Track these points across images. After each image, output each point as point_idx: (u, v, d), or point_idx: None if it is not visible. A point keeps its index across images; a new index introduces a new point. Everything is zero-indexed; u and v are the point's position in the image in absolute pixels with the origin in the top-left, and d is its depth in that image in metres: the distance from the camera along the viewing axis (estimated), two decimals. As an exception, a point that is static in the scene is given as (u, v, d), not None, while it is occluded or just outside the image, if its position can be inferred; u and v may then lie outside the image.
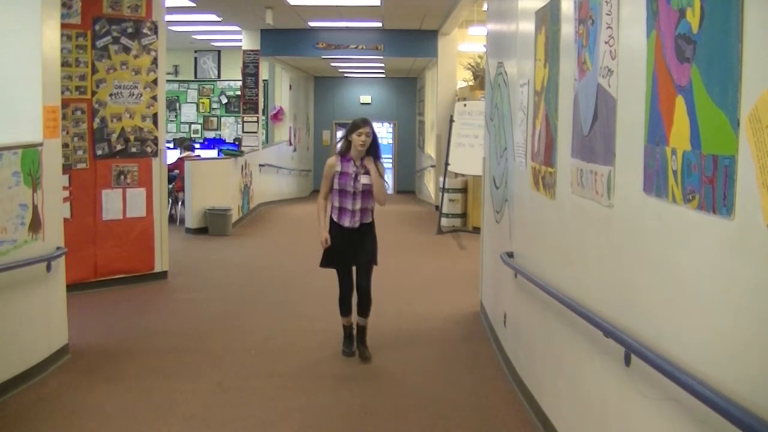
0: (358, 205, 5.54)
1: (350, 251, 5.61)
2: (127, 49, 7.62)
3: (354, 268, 5.69)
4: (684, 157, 2.36)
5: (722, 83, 2.12)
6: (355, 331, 5.78)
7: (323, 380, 5.16)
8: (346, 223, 5.55)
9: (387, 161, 22.09)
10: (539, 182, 4.44)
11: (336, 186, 5.56)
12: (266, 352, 5.81)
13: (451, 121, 12.37)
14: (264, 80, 16.33)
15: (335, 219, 5.59)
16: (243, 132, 15.20)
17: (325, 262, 5.69)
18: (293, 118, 19.60)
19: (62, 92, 6.11)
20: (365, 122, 5.55)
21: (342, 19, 13.42)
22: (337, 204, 5.58)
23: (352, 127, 5.55)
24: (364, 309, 5.71)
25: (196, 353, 5.73)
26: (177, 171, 12.50)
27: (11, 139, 5.05)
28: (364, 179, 5.52)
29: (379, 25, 14.02)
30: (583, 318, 3.35)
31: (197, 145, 15.05)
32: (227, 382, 5.06)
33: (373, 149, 5.58)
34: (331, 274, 5.71)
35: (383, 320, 6.51)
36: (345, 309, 5.75)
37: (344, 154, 5.58)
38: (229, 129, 19.08)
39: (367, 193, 5.56)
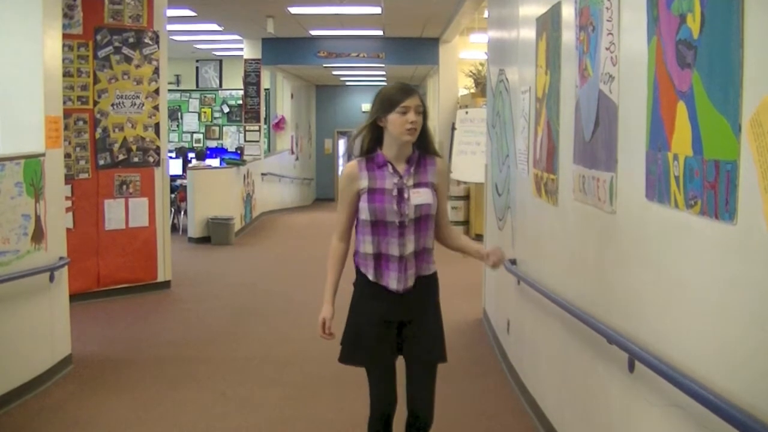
0: (410, 247, 3.13)
1: (397, 333, 3.22)
2: (128, 59, 7.63)
3: (405, 366, 3.29)
4: (686, 163, 2.35)
5: (723, 88, 2.12)
6: None
7: (326, 389, 5.15)
8: (392, 283, 3.14)
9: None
10: (541, 189, 4.44)
11: (366, 215, 3.12)
12: (269, 361, 5.81)
13: (453, 128, 12.37)
14: (265, 89, 16.34)
15: (371, 277, 3.17)
16: (245, 141, 15.23)
17: (349, 354, 3.29)
18: (295, 126, 19.62)
19: (64, 102, 6.11)
20: (411, 90, 3.13)
21: (343, 28, 13.44)
22: (370, 248, 3.15)
23: (388, 101, 3.09)
24: None
25: (199, 362, 5.73)
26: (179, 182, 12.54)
27: (13, 149, 5.07)
28: (416, 196, 3.12)
29: (380, 33, 14.04)
30: (587, 324, 3.34)
31: (192, 155, 15.15)
32: (230, 392, 5.05)
33: (424, 140, 3.20)
34: (342, 278, 3.29)
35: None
36: None
37: (371, 155, 3.17)
38: (231, 138, 19.10)
39: (425, 220, 3.15)
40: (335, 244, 3.28)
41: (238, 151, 15.47)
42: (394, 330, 3.22)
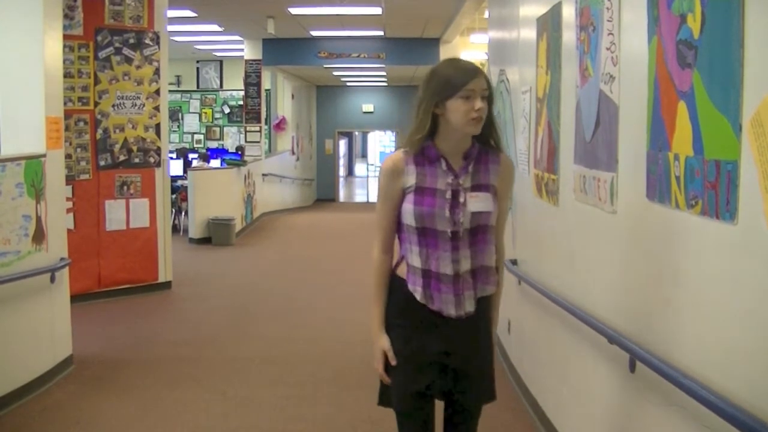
0: (466, 264, 2.57)
1: (443, 367, 2.62)
2: (129, 60, 7.64)
3: (444, 407, 2.77)
4: (687, 163, 2.35)
5: (724, 88, 2.12)
6: None
7: (328, 389, 5.15)
8: (448, 308, 2.56)
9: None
10: (542, 189, 4.44)
11: (411, 220, 2.57)
12: (270, 361, 5.81)
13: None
14: (266, 90, 16.35)
15: (419, 297, 2.58)
16: (246, 141, 15.24)
17: (391, 395, 2.71)
18: (296, 127, 19.62)
19: (65, 103, 6.12)
20: (475, 70, 2.54)
21: (343, 28, 13.44)
22: (418, 261, 2.58)
23: (447, 84, 2.50)
24: None
25: (200, 362, 5.73)
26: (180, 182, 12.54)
27: (14, 150, 5.07)
28: (474, 201, 2.56)
29: (381, 33, 14.04)
30: (588, 324, 3.34)
31: (195, 155, 15.19)
32: (231, 392, 5.05)
33: (487, 131, 2.61)
34: (340, 273, 2.83)
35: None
36: None
37: (423, 147, 2.58)
38: (231, 139, 19.09)
39: (483, 231, 2.58)
40: (379, 257, 2.68)
41: (239, 151, 15.51)
42: (437, 365, 2.62)
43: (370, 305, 2.71)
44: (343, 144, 28.91)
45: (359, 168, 35.46)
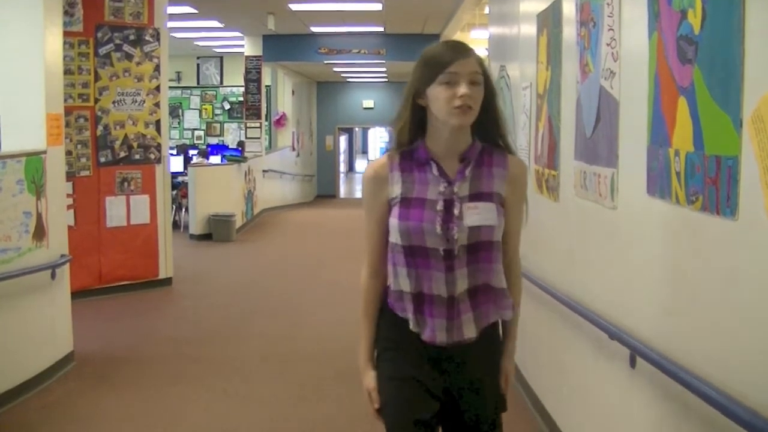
0: (463, 284, 2.17)
1: (440, 400, 2.24)
2: (129, 57, 7.63)
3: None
4: (687, 159, 2.35)
5: (724, 84, 2.12)
6: None
7: (328, 387, 5.15)
8: (439, 334, 2.18)
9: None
10: (543, 185, 4.44)
11: (397, 238, 2.17)
12: (271, 359, 5.81)
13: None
14: (266, 86, 16.34)
15: (411, 326, 2.19)
16: (246, 138, 15.23)
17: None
18: (296, 123, 19.61)
19: (65, 100, 6.12)
20: (463, 49, 2.15)
21: (344, 24, 13.43)
22: (407, 285, 2.19)
23: (429, 67, 2.15)
24: None
25: (201, 360, 5.73)
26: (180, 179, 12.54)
27: (15, 146, 5.07)
28: (472, 213, 2.14)
29: (381, 29, 14.03)
30: (588, 320, 3.34)
31: (195, 152, 15.19)
32: (232, 389, 5.06)
33: (489, 125, 2.20)
34: (341, 270, 2.69)
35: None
36: None
37: (408, 148, 2.20)
38: (232, 135, 19.08)
39: (485, 249, 2.18)
40: (366, 282, 2.30)
41: (239, 148, 15.50)
42: (434, 398, 2.23)
43: (358, 335, 2.36)
44: (343, 140, 28.88)
45: (360, 164, 35.43)
